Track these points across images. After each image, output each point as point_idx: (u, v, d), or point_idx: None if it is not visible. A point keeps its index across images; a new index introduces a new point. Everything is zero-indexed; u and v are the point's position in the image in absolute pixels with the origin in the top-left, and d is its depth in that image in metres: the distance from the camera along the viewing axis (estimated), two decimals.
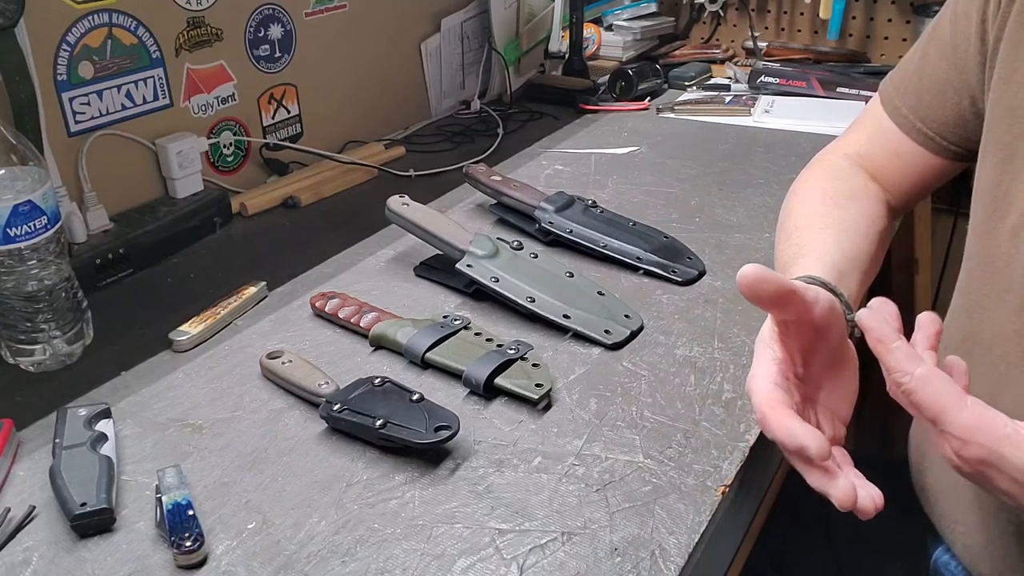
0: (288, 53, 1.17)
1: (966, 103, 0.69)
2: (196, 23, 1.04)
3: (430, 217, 0.87)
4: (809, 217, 0.73)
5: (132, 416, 0.69)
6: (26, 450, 0.65)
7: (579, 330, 0.77)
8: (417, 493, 0.59)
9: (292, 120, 1.20)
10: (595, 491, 0.59)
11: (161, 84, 1.01)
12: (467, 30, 1.47)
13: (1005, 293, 0.60)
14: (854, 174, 0.77)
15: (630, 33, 1.74)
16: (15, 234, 0.69)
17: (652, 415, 0.67)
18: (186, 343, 0.78)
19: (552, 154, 1.25)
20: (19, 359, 0.75)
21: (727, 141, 1.28)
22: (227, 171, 1.13)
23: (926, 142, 0.73)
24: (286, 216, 1.09)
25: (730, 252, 0.93)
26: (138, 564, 0.54)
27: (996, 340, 0.61)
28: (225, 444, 0.65)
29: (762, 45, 1.71)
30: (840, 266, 0.64)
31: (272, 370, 0.71)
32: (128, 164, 1.00)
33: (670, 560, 0.53)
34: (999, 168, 0.62)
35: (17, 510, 0.59)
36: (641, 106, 1.44)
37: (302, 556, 0.54)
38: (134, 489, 0.61)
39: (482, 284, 0.81)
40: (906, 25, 1.63)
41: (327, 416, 0.65)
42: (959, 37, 0.67)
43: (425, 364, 0.73)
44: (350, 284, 0.89)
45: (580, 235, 0.91)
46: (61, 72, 0.90)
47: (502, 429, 0.66)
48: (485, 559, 0.54)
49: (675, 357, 0.75)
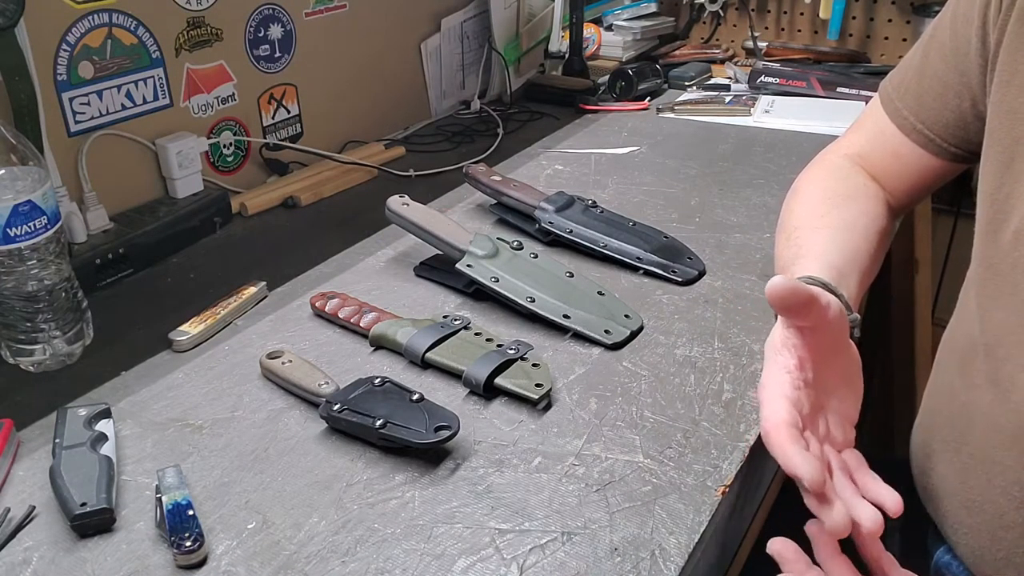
0: (288, 53, 1.17)
1: (967, 105, 0.69)
2: (196, 23, 1.04)
3: (430, 217, 0.87)
4: (809, 217, 0.73)
5: (132, 416, 0.69)
6: (26, 450, 0.65)
7: (579, 330, 0.77)
8: (417, 493, 0.59)
9: (292, 120, 1.20)
10: (595, 491, 0.59)
11: (161, 84, 1.01)
12: (467, 30, 1.47)
13: (1010, 295, 0.60)
14: (854, 174, 0.77)
15: (630, 33, 1.74)
16: (15, 234, 0.69)
17: (652, 415, 0.67)
18: (186, 343, 0.78)
19: (552, 154, 1.25)
20: (19, 359, 0.75)
21: (727, 141, 1.28)
22: (227, 171, 1.13)
23: (926, 143, 0.73)
24: (286, 216, 1.09)
25: (730, 252, 0.93)
26: (138, 564, 0.54)
27: (1001, 342, 0.61)
28: (225, 444, 0.65)
29: (762, 45, 1.71)
30: (840, 266, 0.64)
31: (272, 370, 0.71)
32: (128, 164, 1.00)
33: (670, 560, 0.53)
34: (1000, 171, 0.62)
35: (17, 510, 0.59)
36: (641, 106, 1.44)
37: (302, 556, 0.54)
38: (134, 489, 0.61)
39: (482, 284, 0.81)
40: (906, 25, 1.63)
41: (327, 416, 0.65)
42: (960, 39, 0.67)
43: (425, 364, 0.73)
44: (350, 284, 0.89)
45: (580, 235, 0.91)
46: (61, 72, 0.90)
47: (502, 429, 0.66)
48: (485, 559, 0.54)
49: (675, 357, 0.75)
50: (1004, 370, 0.61)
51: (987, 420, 0.63)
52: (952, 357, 0.69)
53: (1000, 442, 0.61)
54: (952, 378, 0.68)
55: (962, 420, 0.66)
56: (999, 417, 0.61)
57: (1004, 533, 0.62)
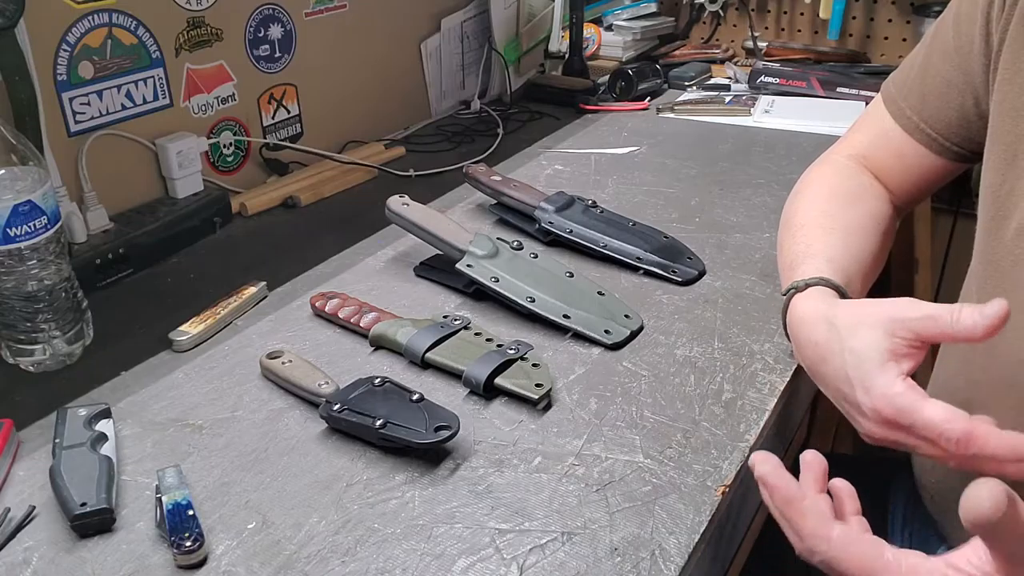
0: (288, 53, 1.17)
1: (969, 104, 0.69)
2: (196, 23, 1.04)
3: (430, 217, 0.87)
4: (815, 216, 0.73)
5: (132, 416, 0.69)
6: (26, 450, 0.65)
7: (579, 330, 0.77)
8: (417, 493, 0.59)
9: (292, 120, 1.20)
10: (595, 491, 0.59)
11: (161, 84, 1.01)
12: (467, 30, 1.47)
13: (1012, 292, 0.60)
14: (858, 174, 0.77)
15: (630, 33, 1.74)
16: (15, 234, 0.69)
17: (652, 415, 0.67)
18: (186, 343, 0.78)
19: (552, 154, 1.25)
20: (19, 359, 0.75)
21: (727, 141, 1.28)
22: (227, 171, 1.13)
23: (929, 143, 0.73)
24: (286, 216, 1.09)
25: (730, 252, 0.93)
26: (138, 564, 0.54)
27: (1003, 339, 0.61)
28: (225, 444, 0.65)
29: (762, 45, 1.71)
30: (847, 267, 0.65)
31: (272, 370, 0.71)
32: (128, 164, 1.00)
33: (670, 560, 0.53)
34: (1003, 169, 0.62)
35: (17, 510, 0.59)
36: (641, 106, 1.44)
37: (302, 556, 0.54)
38: (134, 489, 0.61)
39: (482, 284, 0.81)
40: (906, 25, 1.63)
41: (327, 416, 0.65)
42: (963, 38, 0.67)
43: (425, 364, 0.73)
44: (350, 284, 0.89)
45: (580, 235, 0.91)
46: (61, 72, 0.90)
47: (502, 429, 0.66)
48: (485, 559, 0.54)
49: (675, 357, 0.75)
50: (1007, 368, 0.61)
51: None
52: (953, 355, 0.70)
53: None
54: (954, 375, 0.68)
55: None
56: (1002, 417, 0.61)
57: None
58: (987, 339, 0.49)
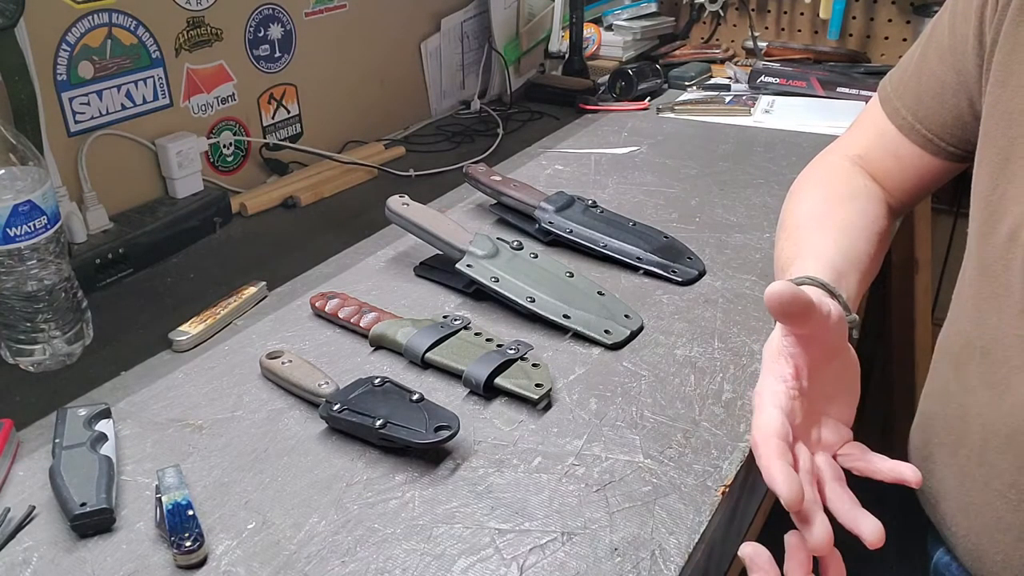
0: (288, 53, 1.17)
1: (965, 105, 0.68)
2: (196, 23, 1.04)
3: (430, 217, 0.87)
4: (809, 217, 0.72)
5: (132, 416, 0.69)
6: (26, 450, 0.65)
7: (579, 330, 0.77)
8: (417, 493, 0.59)
9: (292, 120, 1.20)
10: (595, 491, 0.59)
11: (161, 84, 1.01)
12: (467, 30, 1.47)
13: (1004, 297, 0.60)
14: (854, 175, 0.77)
15: (630, 33, 1.74)
16: (15, 234, 0.69)
17: (652, 415, 0.67)
18: (186, 343, 0.78)
19: (552, 154, 1.25)
20: (19, 359, 0.75)
21: (727, 141, 1.28)
22: (227, 171, 1.13)
23: (925, 144, 0.73)
24: (286, 216, 1.09)
25: (730, 252, 0.93)
26: (138, 564, 0.54)
27: (996, 344, 0.61)
28: (225, 444, 0.65)
29: (762, 45, 1.71)
30: (839, 266, 0.64)
31: (272, 370, 0.71)
32: (128, 164, 1.00)
33: (670, 560, 0.53)
34: (995, 172, 0.61)
35: (17, 510, 0.59)
36: (641, 106, 1.44)
37: (302, 556, 0.54)
38: (134, 489, 0.61)
39: (482, 284, 0.81)
40: (906, 25, 1.63)
41: (327, 416, 0.65)
42: (958, 39, 0.67)
43: (425, 364, 0.73)
44: (350, 284, 0.89)
45: (580, 235, 0.91)
46: (61, 72, 0.90)
47: (502, 429, 0.66)
48: (485, 559, 0.54)
49: (675, 357, 0.75)
50: (999, 373, 0.61)
51: (983, 423, 0.63)
52: (948, 359, 0.69)
53: (996, 445, 0.61)
54: (948, 380, 0.68)
55: (958, 422, 0.66)
56: (994, 420, 0.61)
57: (1001, 536, 0.62)
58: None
